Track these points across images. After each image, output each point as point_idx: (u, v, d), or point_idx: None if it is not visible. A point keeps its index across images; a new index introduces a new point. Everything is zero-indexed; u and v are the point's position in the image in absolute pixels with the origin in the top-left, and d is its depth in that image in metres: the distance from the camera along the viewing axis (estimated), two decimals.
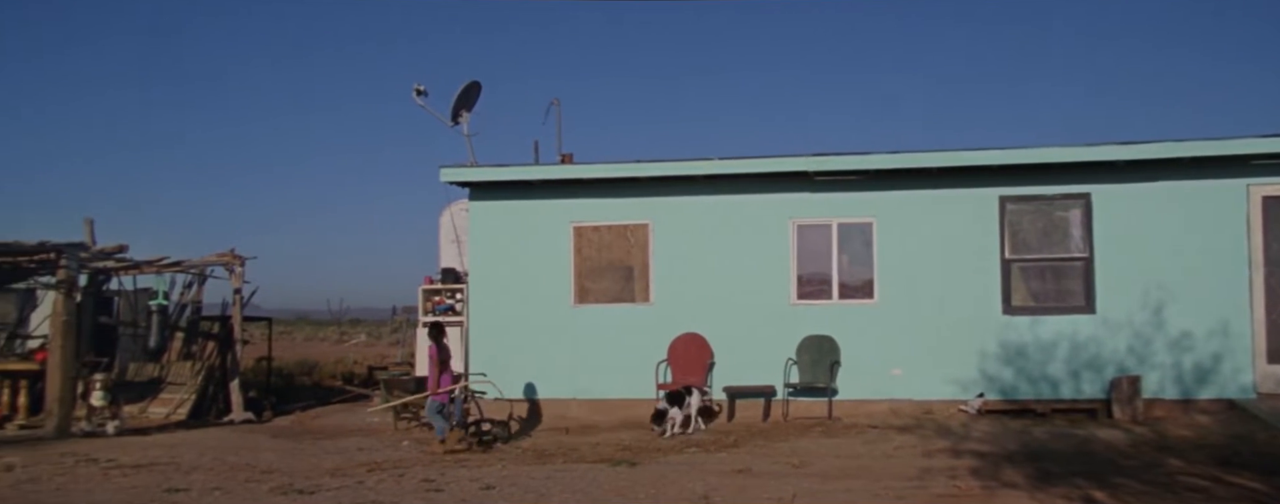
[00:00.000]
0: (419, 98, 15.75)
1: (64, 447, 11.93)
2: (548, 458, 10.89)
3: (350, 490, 8.83)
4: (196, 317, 17.41)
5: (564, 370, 14.25)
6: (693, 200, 14.34)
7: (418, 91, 15.68)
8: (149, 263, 15.97)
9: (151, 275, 16.41)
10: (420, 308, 16.11)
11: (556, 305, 14.49)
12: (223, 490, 8.86)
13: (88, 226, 15.47)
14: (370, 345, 39.94)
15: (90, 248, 14.77)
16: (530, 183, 14.56)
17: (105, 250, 15.00)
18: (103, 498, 8.46)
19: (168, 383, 16.41)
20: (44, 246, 13.57)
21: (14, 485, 9.02)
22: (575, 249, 14.55)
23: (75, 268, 13.88)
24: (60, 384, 13.39)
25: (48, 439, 12.75)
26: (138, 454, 11.22)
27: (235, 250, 16.36)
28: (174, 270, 16.41)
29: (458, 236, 16.20)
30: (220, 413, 15.93)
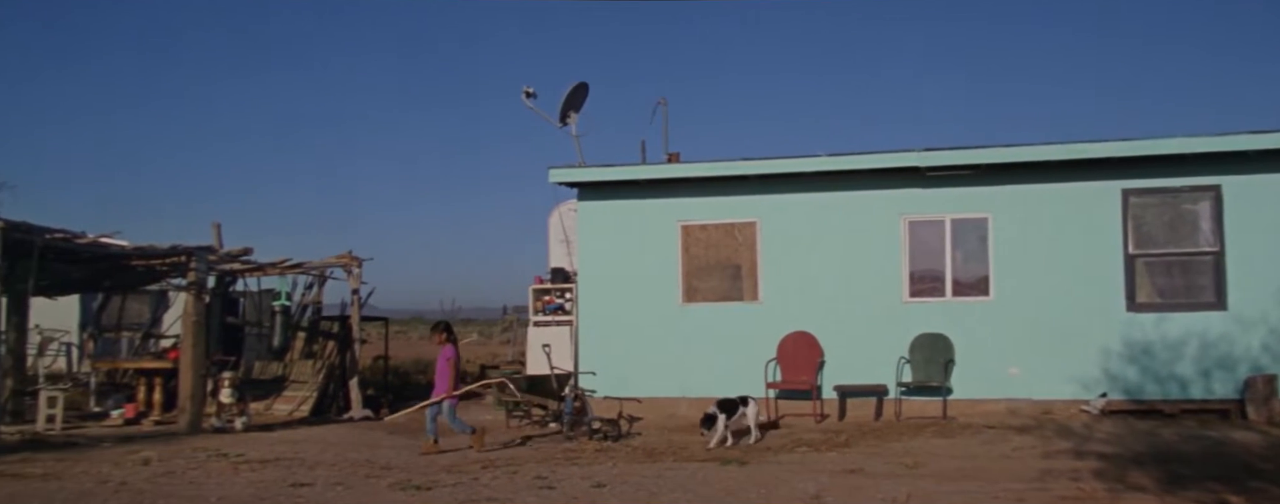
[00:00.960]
0: (528, 100, 15.97)
1: (196, 442, 12.44)
2: (657, 456, 10.91)
3: (465, 487, 8.98)
4: (317, 317, 17.98)
5: (672, 369, 14.26)
6: (801, 198, 14.20)
7: (527, 94, 15.90)
8: (272, 265, 16.57)
9: (275, 277, 17.03)
10: (531, 307, 16.36)
11: (664, 304, 14.52)
12: (345, 486, 9.11)
13: (215, 230, 16.16)
14: (481, 344, 40.66)
15: (217, 251, 15.40)
16: (637, 182, 14.62)
17: (232, 253, 15.61)
18: (233, 492, 8.79)
19: (290, 381, 16.99)
20: (175, 250, 14.17)
21: (151, 479, 9.44)
22: (683, 248, 14.56)
23: (204, 270, 14.45)
24: (191, 382, 13.95)
25: (181, 434, 13.30)
26: (264, 450, 11.63)
27: (353, 252, 16.87)
28: (296, 272, 16.99)
29: (566, 236, 16.38)
30: (340, 410, 16.41)
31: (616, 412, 13.04)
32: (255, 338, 18.05)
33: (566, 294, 16.11)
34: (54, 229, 12.61)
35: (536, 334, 16.03)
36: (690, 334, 14.38)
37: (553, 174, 14.73)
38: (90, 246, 13.31)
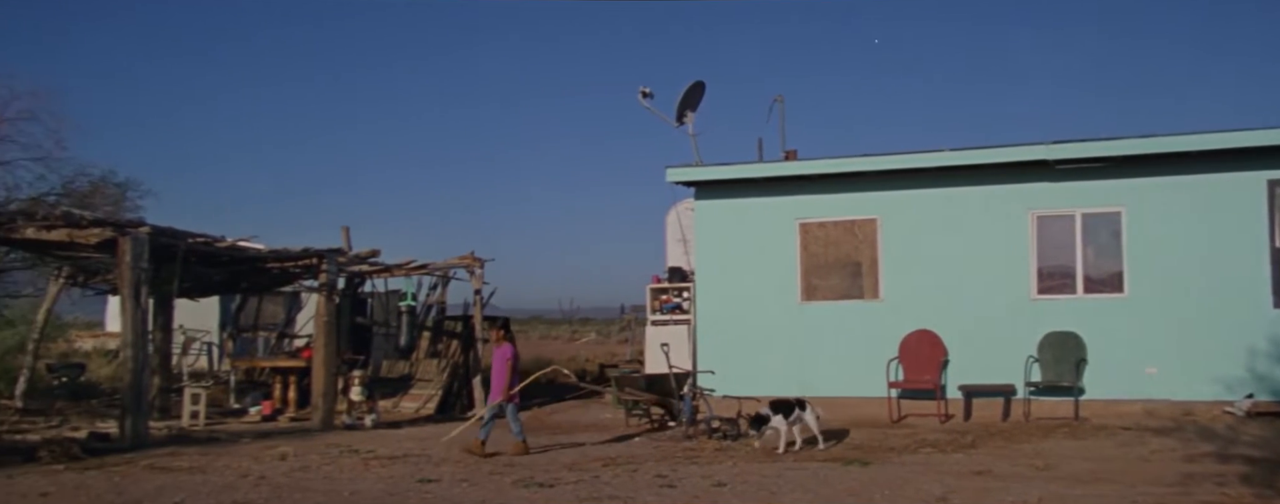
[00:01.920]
0: (645, 100, 16.02)
1: (329, 438, 12.88)
2: (777, 456, 10.83)
3: (587, 485, 9.07)
4: (441, 317, 18.40)
5: (791, 368, 14.13)
6: (923, 193, 13.90)
7: (644, 94, 15.96)
8: (398, 266, 17.03)
9: (401, 278, 17.49)
10: (648, 306, 16.41)
11: (783, 303, 14.39)
12: (470, 482, 9.30)
13: (344, 233, 16.70)
14: (600, 343, 41.05)
15: (347, 253, 15.91)
16: (755, 180, 14.53)
17: (360, 255, 16.11)
18: (364, 486, 9.07)
19: (417, 379, 17.44)
20: (307, 252, 14.69)
21: (288, 473, 9.82)
22: (801, 246, 14.41)
23: (334, 272, 14.94)
24: (324, 380, 14.45)
25: (314, 431, 13.79)
26: (392, 446, 11.97)
27: (474, 253, 17.21)
28: (420, 273, 17.43)
29: (684, 235, 16.39)
30: (464, 408, 16.76)
31: (735, 411, 12.98)
32: (382, 337, 18.57)
33: (684, 293, 16.12)
34: (196, 234, 13.21)
35: (654, 333, 16.07)
36: (809, 333, 14.22)
37: (670, 174, 14.76)
38: (229, 250, 13.90)
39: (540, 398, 18.71)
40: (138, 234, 11.96)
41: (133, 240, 11.86)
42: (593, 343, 42.10)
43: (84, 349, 24.48)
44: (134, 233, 11.95)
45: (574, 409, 17.19)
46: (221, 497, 8.41)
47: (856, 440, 11.75)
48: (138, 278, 11.92)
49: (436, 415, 16.25)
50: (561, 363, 26.07)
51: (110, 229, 12.09)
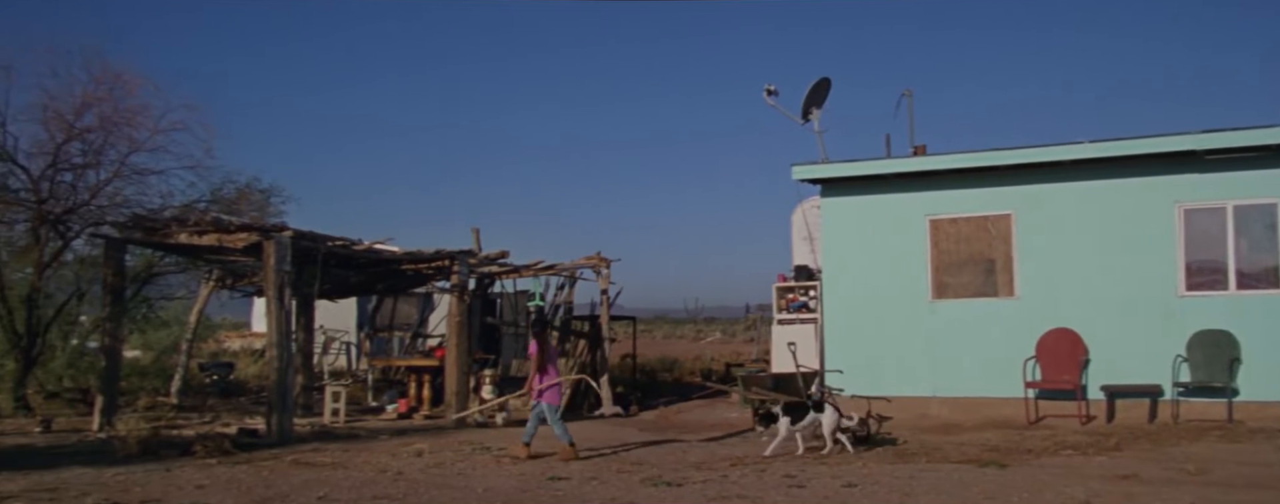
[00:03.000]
0: (770, 98, 15.90)
1: (461, 435, 13.18)
2: (909, 457, 10.60)
3: (715, 484, 9.05)
4: (568, 316, 18.63)
5: (922, 368, 13.84)
6: (1060, 187, 13.44)
7: (768, 92, 15.84)
8: (527, 267, 17.32)
9: (529, 278, 17.78)
10: (774, 305, 16.29)
11: (913, 301, 14.10)
12: (599, 480, 9.39)
13: (474, 235, 17.05)
14: (725, 343, 40.94)
15: (477, 254, 16.25)
16: (883, 177, 14.28)
17: (490, 256, 16.43)
18: (497, 483, 9.25)
19: None
20: (439, 254, 15.06)
21: (424, 469, 10.09)
22: (932, 243, 14.09)
23: (465, 273, 15.29)
24: (456, 379, 14.79)
25: (447, 428, 14.13)
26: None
27: (601, 253, 17.36)
28: (548, 273, 17.68)
29: (810, 234, 16.22)
30: (591, 407, 16.93)
31: (865, 411, 12.77)
32: (512, 337, 18.92)
33: (811, 292, 15.94)
34: (334, 237, 13.69)
35: (781, 332, 15.94)
36: (941, 331, 13.90)
37: (796, 171, 14.62)
38: (366, 252, 14.36)
39: (667, 397, 18.79)
40: (281, 238, 12.47)
41: (277, 244, 12.37)
42: (717, 342, 42.02)
43: (232, 349, 25.72)
44: (278, 237, 12.45)
45: (700, 408, 17.19)
46: (362, 492, 8.69)
47: (992, 441, 11.41)
48: (281, 280, 12.43)
49: (565, 413, 16.43)
50: (687, 362, 26.15)
51: (256, 233, 12.62)
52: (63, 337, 15.84)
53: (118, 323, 14.08)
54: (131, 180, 15.03)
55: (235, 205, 16.05)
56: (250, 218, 15.08)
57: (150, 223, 13.65)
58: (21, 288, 14.65)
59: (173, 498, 8.19)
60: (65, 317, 15.57)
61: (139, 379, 17.85)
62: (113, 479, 9.11)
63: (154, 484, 8.85)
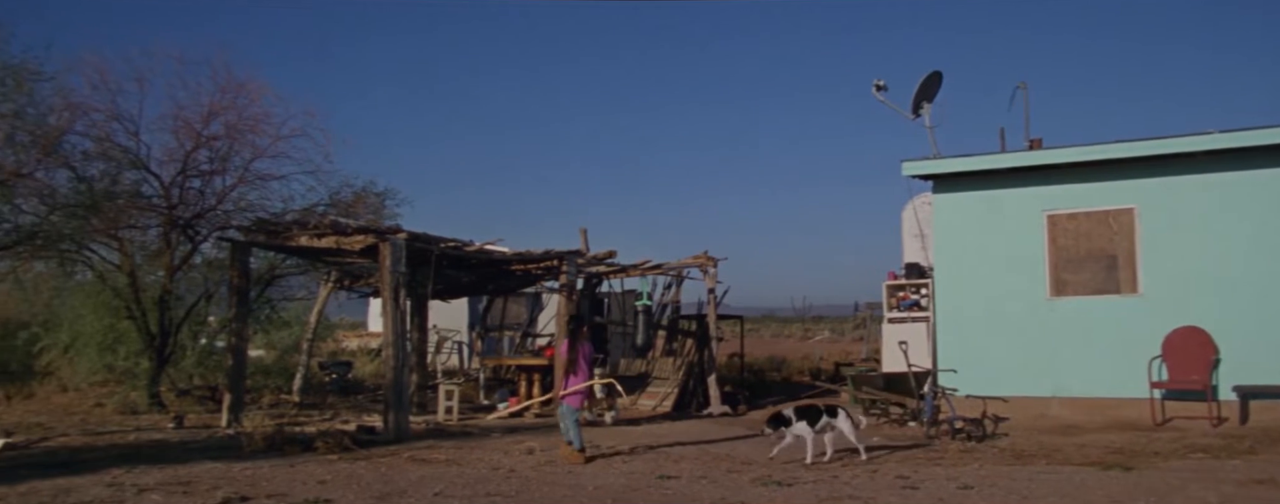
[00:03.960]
0: (879, 93, 15.65)
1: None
2: (1028, 459, 10.32)
3: (826, 484, 8.95)
4: (676, 316, 18.67)
5: (1040, 367, 13.45)
6: (1187, 179, 12.91)
7: (878, 87, 15.58)
8: (634, 266, 17.41)
9: (636, 278, 17.87)
10: (885, 304, 16.04)
11: (1030, 298, 13.71)
12: (708, 479, 9.38)
13: (582, 235, 17.22)
14: (833, 342, 40.49)
15: (585, 254, 16.40)
16: (997, 171, 13.92)
17: (598, 256, 16.57)
18: (607, 481, 9.32)
19: (653, 377, 17.77)
20: (548, 254, 15.26)
21: (535, 467, 10.23)
22: (1049, 239, 13.68)
23: (573, 273, 15.44)
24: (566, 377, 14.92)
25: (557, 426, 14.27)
26: (632, 442, 12.24)
27: (708, 252, 17.34)
28: (656, 273, 17.75)
29: (921, 230, 15.91)
30: (700, 406, 16.94)
31: (980, 411, 12.49)
32: (619, 336, 19.04)
33: (922, 290, 15.63)
34: (447, 239, 13.97)
35: (891, 331, 15.68)
36: (1059, 330, 13.48)
37: (906, 167, 14.36)
38: (477, 253, 14.62)
39: (775, 396, 18.67)
40: (396, 240, 12.79)
41: (392, 246, 12.69)
42: (826, 341, 41.58)
43: (350, 348, 26.46)
44: (393, 239, 12.78)
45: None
46: (476, 488, 8.85)
47: (1115, 443, 11.03)
48: (397, 281, 12.74)
49: (673, 413, 16.50)
50: (794, 361, 25.95)
51: (372, 236, 12.97)
52: (192, 336, 16.52)
53: (243, 323, 14.62)
54: (255, 185, 15.59)
55: (352, 208, 16.49)
56: (366, 220, 15.48)
57: (273, 226, 14.15)
58: (154, 290, 15.32)
59: (297, 493, 8.47)
60: (194, 317, 16.24)
61: (263, 377, 18.54)
62: (241, 474, 9.47)
63: (279, 479, 9.17)
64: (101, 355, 15.71)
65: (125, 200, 14.11)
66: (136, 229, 15.25)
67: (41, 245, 12.54)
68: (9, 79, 10.69)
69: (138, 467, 9.75)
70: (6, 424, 13.30)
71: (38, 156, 11.40)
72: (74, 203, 12.32)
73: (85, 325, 15.74)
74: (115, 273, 15.19)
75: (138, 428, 13.25)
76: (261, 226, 14.26)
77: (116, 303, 15.33)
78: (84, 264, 15.08)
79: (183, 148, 15.08)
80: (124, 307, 15.19)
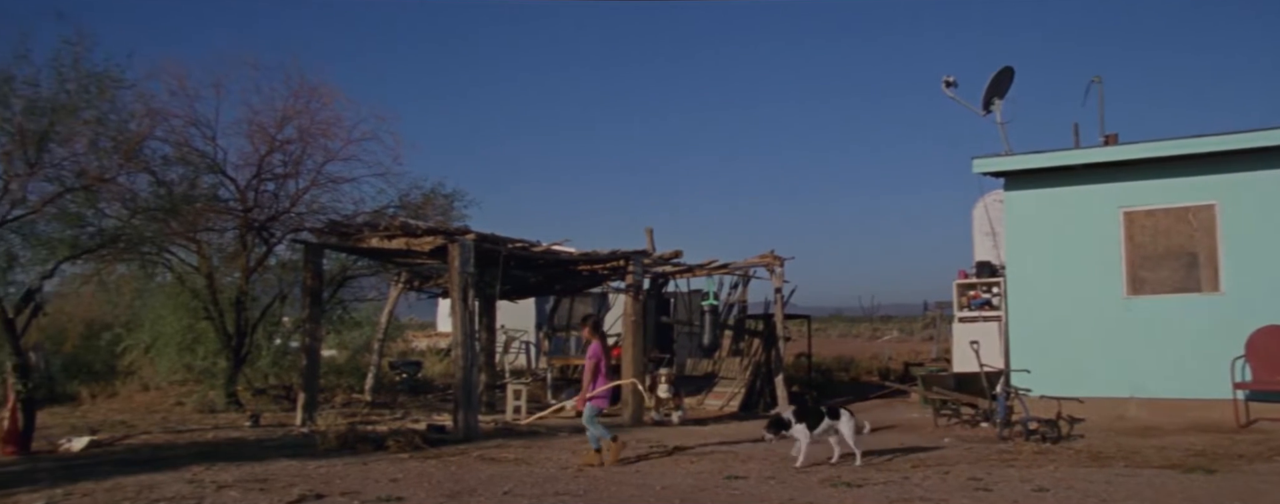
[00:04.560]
0: (949, 90, 15.43)
1: (639, 433, 13.33)
2: (1105, 461, 10.08)
3: (896, 486, 8.85)
4: (743, 316, 18.60)
5: (1117, 367, 13.14)
6: (1270, 174, 12.53)
7: (947, 83, 15.36)
8: (700, 266, 17.38)
9: (702, 277, 17.85)
10: (955, 303, 15.82)
11: (1105, 297, 13.41)
12: (777, 480, 9.32)
13: (648, 235, 17.24)
14: (902, 341, 40.04)
15: (651, 254, 16.41)
16: (1071, 168, 13.63)
17: (664, 256, 16.57)
18: (675, 481, 9.32)
19: (720, 377, 17.72)
20: (615, 255, 15.30)
21: (603, 466, 10.26)
22: (1126, 236, 13.37)
23: (640, 273, 15.47)
24: (633, 377, 14.96)
25: (624, 426, 14.32)
26: (699, 442, 12.22)
27: (774, 252, 17.24)
28: (722, 272, 17.70)
29: (992, 228, 15.66)
30: (767, 406, 16.85)
31: (1054, 412, 12.24)
32: (686, 336, 19.03)
33: (994, 288, 15.39)
34: (514, 239, 14.09)
35: (962, 330, 15.46)
36: (1137, 329, 13.16)
37: (977, 164, 14.13)
38: (544, 254, 14.72)
39: (843, 396, 18.51)
40: (465, 241, 12.92)
41: (460, 246, 12.83)
42: (894, 340, 41.12)
43: (419, 348, 26.82)
44: (461, 240, 12.92)
45: (878, 408, 16.85)
46: (544, 487, 8.91)
47: (1197, 446, 10.72)
48: (465, 281, 12.88)
49: (740, 413, 16.44)
50: (863, 361, 25.69)
51: (441, 237, 13.13)
52: (267, 337, 16.89)
53: (316, 323, 14.89)
54: (327, 188, 15.91)
55: (421, 210, 16.73)
56: (435, 222, 15.69)
57: (344, 228, 14.40)
58: (231, 291, 15.70)
59: (370, 491, 8.60)
60: (269, 318, 16.60)
61: (335, 377, 18.89)
62: (315, 471, 9.65)
63: (352, 477, 9.33)
64: (181, 355, 16.14)
65: (203, 204, 14.47)
66: (214, 232, 15.63)
67: (124, 248, 12.89)
68: (93, 86, 11.00)
69: (217, 464, 10.00)
70: (92, 422, 13.72)
71: (120, 162, 11.72)
72: (154, 207, 12.65)
73: (165, 326, 16.17)
74: (194, 275, 15.58)
75: (216, 426, 13.58)
76: (333, 228, 14.52)
77: (195, 304, 15.72)
78: (164, 266, 15.49)
79: (257, 152, 15.44)
80: (202, 307, 15.57)
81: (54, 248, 11.37)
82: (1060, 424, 12.03)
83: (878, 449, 11.16)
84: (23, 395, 10.81)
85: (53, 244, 11.36)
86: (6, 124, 10.51)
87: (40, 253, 11.40)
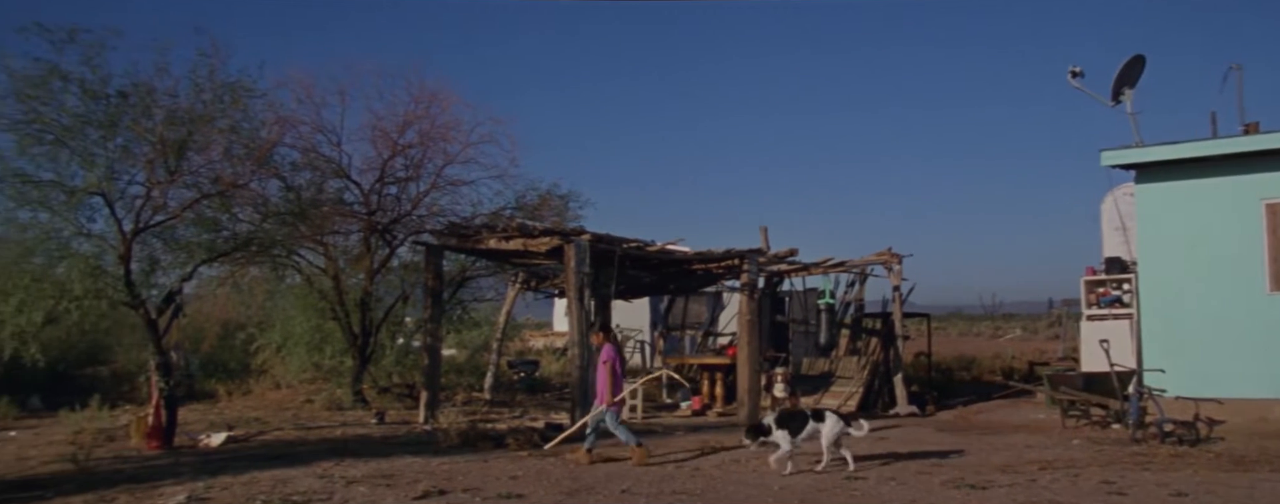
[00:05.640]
0: (1075, 80, 14.90)
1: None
2: (1248, 465, 9.61)
3: (1023, 489, 8.60)
4: (859, 314, 18.31)
5: (1260, 367, 12.53)
6: None
7: (1073, 73, 14.84)
8: (816, 264, 17.19)
9: (818, 276, 17.64)
10: (1083, 300, 15.31)
11: (1247, 293, 12.80)
12: (897, 481, 9.16)
13: (763, 233, 17.12)
14: (1026, 340, 38.88)
15: (766, 253, 16.30)
16: (1208, 159, 13.05)
17: (779, 254, 16.44)
18: (792, 481, 9.24)
19: (836, 377, 17.49)
20: (729, 253, 15.24)
21: (720, 465, 10.23)
22: (1269, 229, 12.73)
23: (755, 271, 15.38)
24: (748, 377, 14.90)
25: (741, 426, 14.23)
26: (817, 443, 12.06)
27: (892, 250, 16.94)
28: (838, 270, 17.46)
29: (1122, 223, 15.10)
30: (885, 406, 16.56)
31: (1191, 413, 11.72)
32: (801, 335, 18.82)
33: (1124, 285, 14.82)
34: (629, 239, 14.16)
35: (1091, 329, 14.94)
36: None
37: (1105, 156, 13.63)
38: (658, 253, 14.75)
39: (965, 396, 18.07)
40: (580, 241, 13.05)
41: (576, 247, 12.96)
42: (1018, 339, 39.94)
43: (536, 347, 27.19)
44: (577, 240, 13.05)
45: (1002, 409, 16.41)
46: (661, 486, 8.94)
47: None
48: (581, 281, 13.00)
49: (857, 413, 16.17)
50: (985, 360, 25.00)
51: (557, 237, 13.28)
52: (390, 336, 17.35)
53: (437, 323, 15.23)
54: (446, 191, 16.24)
55: (537, 211, 16.94)
56: (551, 222, 15.86)
57: (463, 230, 14.69)
58: (356, 292, 16.17)
59: (490, 488, 8.76)
60: (392, 318, 17.04)
61: (456, 376, 19.30)
62: (438, 468, 9.88)
63: (473, 474, 9.52)
64: (310, 354, 16.70)
65: (329, 207, 14.93)
66: (340, 234, 16.12)
67: (256, 251, 13.39)
68: (227, 96, 11.46)
69: (345, 460, 10.32)
70: (228, 418, 14.32)
71: (252, 168, 12.19)
72: (284, 211, 13.11)
73: (295, 326, 16.76)
74: (321, 276, 16.10)
75: (343, 423, 14.02)
76: (453, 230, 14.82)
77: (322, 304, 16.25)
78: (293, 268, 16.05)
79: (380, 156, 15.87)
80: (329, 308, 16.09)
81: (192, 251, 11.90)
82: (1198, 426, 11.52)
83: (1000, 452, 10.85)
84: (165, 393, 11.35)
85: (191, 248, 11.88)
86: (149, 134, 11.02)
87: (180, 256, 11.94)
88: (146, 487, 8.78)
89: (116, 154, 10.92)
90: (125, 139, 10.96)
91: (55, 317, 11.24)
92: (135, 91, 10.92)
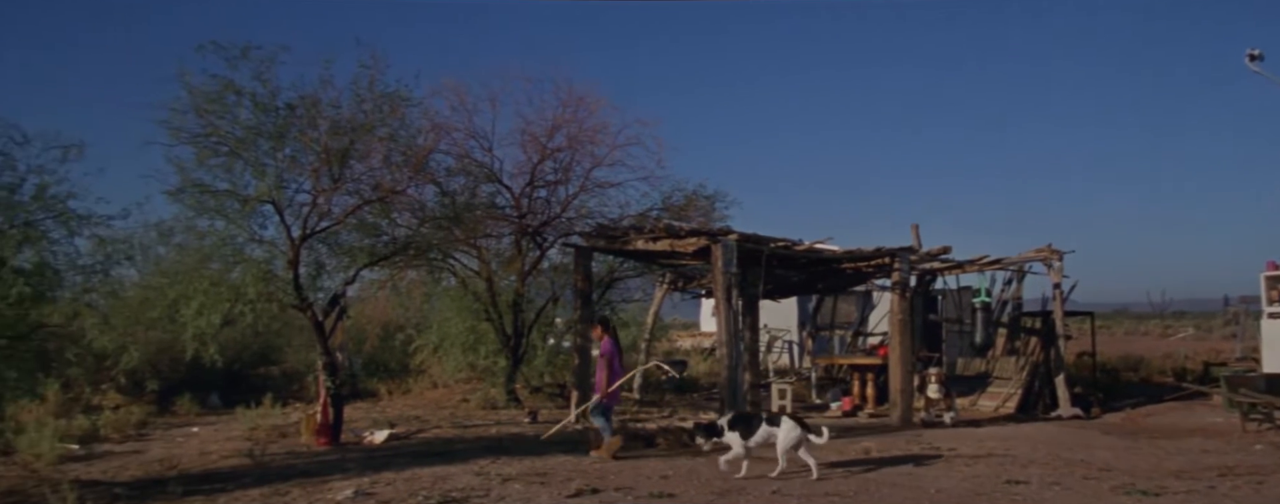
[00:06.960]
0: (1253, 63, 14.02)
1: (908, 434, 12.98)
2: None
3: (1200, 496, 8.16)
4: (1017, 313, 17.69)
5: None
6: None
7: (1251, 57, 13.97)
8: (970, 262, 16.69)
9: (973, 274, 17.12)
10: (1264, 297, 14.44)
11: None
12: (1062, 486, 8.81)
13: (914, 231, 16.75)
14: (1199, 339, 36.83)
15: (918, 251, 15.93)
16: None
17: (931, 252, 16.04)
18: (949, 485, 8.99)
19: (993, 378, 16.94)
20: (880, 252, 14.95)
21: (872, 467, 10.05)
22: None
23: (907, 270, 15.03)
24: (901, 377, 14.58)
25: (893, 427, 13.97)
26: (973, 445, 11.73)
27: (1052, 246, 16.30)
28: (994, 268, 16.91)
29: None
30: (1046, 408, 15.96)
31: None
32: (955, 335, 18.30)
33: None
34: (776, 238, 14.06)
35: (1273, 327, 14.04)
36: None
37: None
38: (806, 253, 14.59)
39: (1133, 398, 17.26)
40: (727, 241, 13.03)
41: (723, 247, 12.94)
42: (1189, 339, 37.84)
43: (683, 348, 27.28)
44: (724, 240, 13.02)
45: (1173, 411, 15.59)
46: (814, 487, 8.84)
47: None
48: (728, 281, 12.98)
49: (1017, 415, 15.64)
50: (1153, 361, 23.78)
51: (704, 238, 13.30)
52: (542, 337, 17.70)
53: (587, 324, 15.45)
54: (594, 193, 16.48)
55: (684, 212, 16.99)
56: (698, 223, 15.89)
57: (612, 231, 14.87)
58: (508, 294, 16.57)
59: (642, 487, 8.83)
60: (543, 319, 17.39)
61: None
62: (590, 467, 10.02)
63: (625, 473, 9.62)
64: (465, 354, 17.21)
65: (483, 211, 15.34)
66: (492, 237, 16.55)
67: (414, 255, 13.89)
68: (386, 105, 11.91)
69: (500, 457, 10.59)
70: (390, 416, 14.88)
71: (409, 174, 12.63)
72: (440, 215, 13.55)
73: (451, 327, 17.29)
74: (475, 278, 16.57)
75: (498, 422, 14.38)
76: (601, 232, 15.02)
77: (476, 306, 16.71)
78: (449, 271, 16.56)
79: (530, 160, 16.21)
80: (483, 310, 16.53)
81: (355, 256, 12.43)
82: None
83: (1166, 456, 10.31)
84: (332, 392, 11.89)
85: (354, 252, 12.41)
86: (314, 144, 11.55)
87: (343, 261, 12.50)
88: (316, 481, 9.21)
89: (285, 164, 11.49)
90: (293, 149, 11.52)
91: (231, 319, 11.91)
92: (302, 103, 11.47)
